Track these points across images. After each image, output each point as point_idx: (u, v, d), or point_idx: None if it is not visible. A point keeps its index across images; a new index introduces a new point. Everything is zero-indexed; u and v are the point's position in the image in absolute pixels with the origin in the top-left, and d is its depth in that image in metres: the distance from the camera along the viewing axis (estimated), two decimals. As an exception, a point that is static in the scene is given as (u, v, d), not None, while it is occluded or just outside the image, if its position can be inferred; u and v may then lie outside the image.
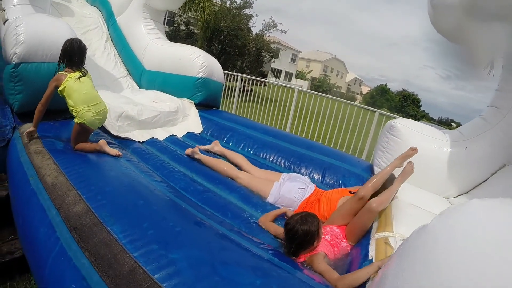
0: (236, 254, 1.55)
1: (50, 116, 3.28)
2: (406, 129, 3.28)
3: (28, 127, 2.89)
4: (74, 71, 2.72)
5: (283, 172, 3.25)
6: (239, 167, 3.48)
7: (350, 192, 2.85)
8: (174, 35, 18.23)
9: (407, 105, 60.38)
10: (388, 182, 2.73)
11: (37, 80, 3.16)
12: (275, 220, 2.44)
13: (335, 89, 59.42)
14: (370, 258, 1.84)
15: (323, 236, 2.15)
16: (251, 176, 3.25)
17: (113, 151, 2.76)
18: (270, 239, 2.15)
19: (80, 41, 2.88)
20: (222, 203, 2.56)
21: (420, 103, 62.97)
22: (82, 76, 2.73)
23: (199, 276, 1.27)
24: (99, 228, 1.54)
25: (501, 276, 0.65)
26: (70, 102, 2.66)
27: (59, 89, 2.66)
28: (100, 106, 2.80)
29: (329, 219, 2.55)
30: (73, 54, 2.77)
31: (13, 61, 3.07)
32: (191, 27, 19.62)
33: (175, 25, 19.97)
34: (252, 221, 2.38)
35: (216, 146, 3.82)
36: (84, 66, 2.85)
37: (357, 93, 73.83)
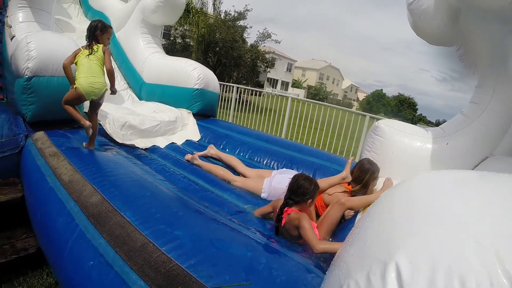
0: (229, 233, 1.80)
1: (61, 125, 3.60)
2: (389, 129, 3.46)
3: (40, 135, 3.19)
4: (86, 48, 3.08)
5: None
6: (233, 168, 3.75)
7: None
8: (170, 48, 18.44)
9: (404, 109, 60.56)
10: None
11: (48, 92, 3.43)
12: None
13: (331, 96, 59.62)
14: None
15: None
16: (245, 179, 3.50)
17: (87, 123, 3.09)
18: (261, 229, 2.37)
19: (95, 21, 3.23)
20: (218, 200, 2.79)
21: (417, 107, 63.24)
22: (90, 54, 3.05)
23: (198, 248, 1.51)
24: (114, 214, 1.78)
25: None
26: (77, 72, 3.03)
27: (75, 61, 3.05)
28: (96, 80, 3.06)
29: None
30: (87, 33, 3.17)
31: (26, 74, 3.30)
32: (187, 40, 19.82)
33: (171, 38, 20.18)
34: (246, 216, 2.59)
35: (212, 150, 4.10)
36: (91, 44, 3.13)
37: (354, 100, 74.12)
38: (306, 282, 1.42)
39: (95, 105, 3.22)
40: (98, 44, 3.13)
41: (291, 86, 53.17)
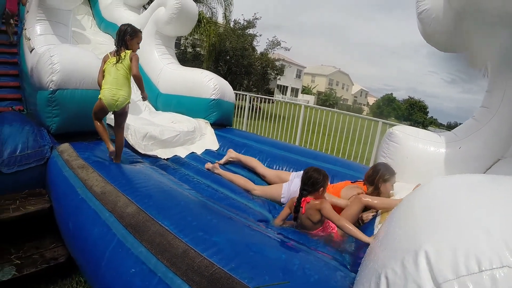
0: (263, 237, 1.91)
1: (85, 137, 3.67)
2: (403, 135, 3.56)
3: (66, 147, 3.27)
4: (115, 55, 3.04)
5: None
6: (253, 169, 3.92)
7: (351, 182, 3.30)
8: (181, 57, 18.62)
9: (414, 112, 59.94)
10: None
11: (72, 104, 3.52)
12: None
13: (341, 102, 59.50)
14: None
15: None
16: (264, 187, 3.63)
17: (111, 148, 3.15)
18: (285, 233, 2.50)
19: (124, 25, 3.16)
20: (243, 207, 2.92)
21: (427, 110, 62.46)
22: (117, 62, 3.00)
23: (237, 252, 1.62)
24: (152, 223, 1.88)
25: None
26: (103, 80, 3.02)
27: (104, 68, 3.05)
28: (120, 93, 3.01)
29: None
30: (116, 37, 3.13)
31: (50, 87, 3.38)
32: (198, 49, 20.03)
33: (181, 48, 20.34)
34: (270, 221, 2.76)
35: (232, 154, 4.26)
36: (119, 50, 3.06)
37: (364, 104, 73.68)
38: (336, 280, 1.54)
39: (118, 116, 3.19)
40: (127, 51, 3.07)
41: (301, 93, 53.23)
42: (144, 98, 3.25)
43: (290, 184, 3.38)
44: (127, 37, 3.07)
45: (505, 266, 0.68)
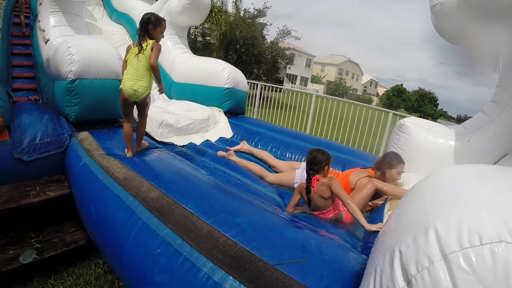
0: (281, 219, 2.03)
1: (103, 125, 3.77)
2: (414, 126, 3.64)
3: (85, 136, 3.35)
4: (136, 45, 2.97)
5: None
6: (265, 162, 4.04)
7: (361, 168, 3.46)
8: (191, 47, 18.62)
9: (424, 104, 59.37)
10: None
11: (91, 94, 3.58)
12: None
13: (351, 91, 59.05)
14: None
15: None
16: (277, 174, 3.76)
17: (130, 153, 3.13)
18: (301, 217, 2.65)
19: (147, 14, 3.04)
20: (259, 193, 3.04)
21: (438, 102, 61.80)
22: (139, 53, 2.95)
23: (258, 232, 1.74)
24: (176, 206, 1.99)
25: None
26: (125, 71, 3.00)
27: (126, 58, 3.02)
28: (140, 84, 2.96)
29: None
30: (139, 27, 3.04)
31: (69, 77, 3.44)
32: (208, 38, 20.09)
33: (191, 37, 20.21)
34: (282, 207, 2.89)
35: (244, 146, 4.37)
36: (142, 40, 2.98)
37: (373, 95, 73.18)
38: (349, 259, 1.65)
39: (140, 106, 3.14)
40: (149, 41, 2.98)
41: (310, 82, 52.98)
42: (160, 91, 3.24)
43: (302, 170, 3.47)
44: (150, 26, 2.99)
45: (502, 241, 0.80)
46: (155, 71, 3.02)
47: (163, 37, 3.13)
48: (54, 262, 2.62)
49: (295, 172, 3.58)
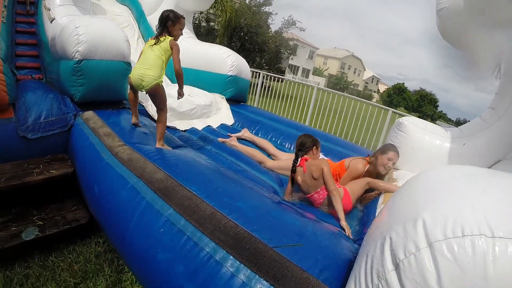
0: (279, 205, 2.13)
1: (107, 106, 3.83)
2: (412, 126, 3.71)
3: (90, 115, 3.39)
4: (153, 38, 3.06)
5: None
6: (265, 151, 4.12)
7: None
8: (195, 31, 18.57)
9: (424, 104, 59.40)
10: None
11: (97, 74, 3.61)
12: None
13: (352, 86, 59.08)
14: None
15: None
16: (277, 161, 3.87)
17: (133, 120, 3.35)
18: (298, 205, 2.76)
19: (166, 11, 3.08)
20: (258, 180, 3.13)
21: (438, 103, 61.75)
22: (155, 44, 2.99)
23: (258, 216, 1.84)
24: (180, 188, 2.07)
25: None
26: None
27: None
28: (148, 72, 2.95)
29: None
30: (158, 23, 3.07)
31: (76, 57, 3.45)
32: (212, 23, 20.06)
33: (195, 22, 20.29)
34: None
35: (245, 133, 4.46)
36: (162, 30, 3.04)
37: (374, 91, 73.17)
38: (343, 247, 1.76)
39: (152, 98, 3.17)
40: (167, 36, 3.02)
41: (312, 74, 52.88)
42: (179, 95, 3.26)
43: None
44: (169, 23, 3.03)
45: (482, 234, 0.89)
46: (180, 78, 3.09)
47: (181, 34, 3.17)
48: (55, 240, 2.68)
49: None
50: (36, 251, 2.58)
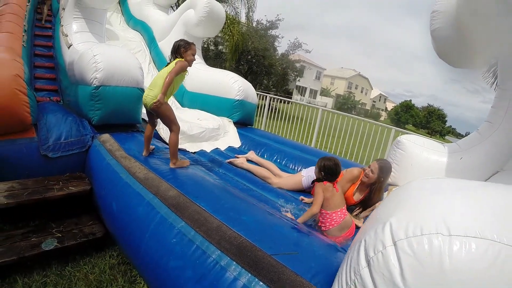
0: (279, 220, 2.32)
1: (122, 128, 4.13)
2: (410, 143, 3.88)
3: (107, 137, 3.65)
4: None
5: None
6: (270, 172, 4.30)
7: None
8: (204, 55, 18.85)
9: (433, 120, 59.00)
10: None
11: (113, 99, 3.92)
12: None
13: (359, 106, 59.22)
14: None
15: None
16: (282, 178, 4.07)
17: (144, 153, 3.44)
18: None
19: (177, 41, 3.32)
20: (263, 198, 3.33)
21: (446, 119, 61.11)
22: (165, 66, 3.26)
23: (260, 229, 2.05)
24: (191, 204, 2.30)
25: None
26: None
27: None
28: (150, 92, 3.15)
29: None
30: (172, 50, 3.31)
31: (94, 84, 3.77)
32: (220, 47, 20.45)
33: (204, 46, 20.70)
34: (283, 209, 3.18)
35: (252, 155, 4.66)
36: (174, 58, 3.27)
37: (382, 110, 73.11)
38: (336, 256, 1.93)
39: (157, 116, 3.32)
40: (179, 59, 3.24)
41: (320, 95, 53.21)
42: (157, 101, 3.13)
43: (308, 176, 3.84)
44: (181, 50, 3.26)
45: (439, 233, 1.07)
46: (165, 81, 3.09)
47: (194, 59, 3.38)
48: (72, 251, 2.89)
49: (302, 180, 3.87)
50: (54, 261, 2.79)
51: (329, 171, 2.99)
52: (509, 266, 1.00)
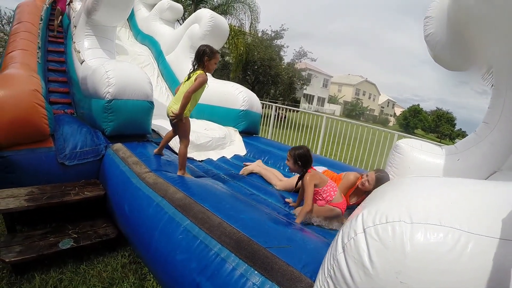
0: (275, 218, 2.53)
1: (133, 139, 4.37)
2: (407, 147, 3.98)
3: (120, 146, 3.89)
4: (189, 74, 3.43)
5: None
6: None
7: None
8: (211, 67, 19.18)
9: (442, 124, 58.40)
10: None
11: (125, 112, 4.20)
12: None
13: (367, 112, 59.07)
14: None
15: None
16: (284, 181, 4.28)
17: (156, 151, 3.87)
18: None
19: (203, 46, 3.39)
20: (265, 202, 3.52)
21: (455, 122, 60.42)
22: (187, 81, 3.39)
23: (257, 226, 2.25)
24: (196, 205, 2.51)
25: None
26: None
27: None
28: (172, 105, 3.45)
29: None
30: (195, 56, 3.41)
31: (107, 98, 4.06)
32: (227, 58, 20.77)
33: (211, 57, 20.94)
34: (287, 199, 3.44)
35: (259, 163, 4.83)
36: (195, 70, 3.39)
37: (391, 115, 72.72)
38: (325, 250, 2.10)
39: (173, 126, 3.62)
40: (197, 71, 3.32)
41: (327, 102, 53.29)
42: (175, 115, 3.41)
43: None
44: (205, 58, 3.32)
45: (402, 221, 1.25)
46: (184, 99, 3.30)
47: (215, 68, 3.52)
48: (86, 251, 3.13)
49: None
50: (70, 260, 3.03)
51: (303, 158, 3.21)
52: (468, 251, 1.12)
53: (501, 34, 2.92)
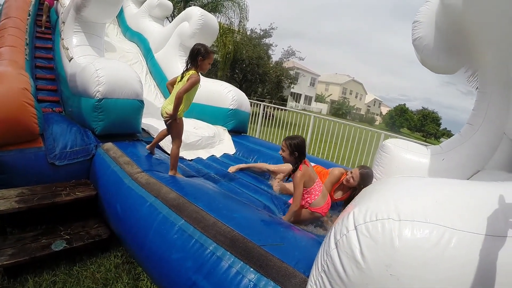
0: (267, 217, 2.61)
1: (123, 138, 4.37)
2: (394, 147, 4.07)
3: (110, 146, 3.89)
4: (182, 73, 3.45)
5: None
6: (267, 170, 4.63)
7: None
8: (199, 64, 19.13)
9: (427, 123, 59.26)
10: None
11: (115, 111, 4.19)
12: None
13: (354, 111, 59.54)
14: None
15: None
16: (277, 165, 4.41)
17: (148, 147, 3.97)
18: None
19: (198, 45, 3.38)
20: (254, 200, 3.57)
21: (440, 121, 61.35)
22: (180, 81, 3.39)
23: (250, 224, 2.31)
24: (190, 205, 2.55)
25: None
26: None
27: None
28: (167, 107, 3.44)
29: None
30: (189, 55, 3.40)
31: (97, 96, 4.03)
32: (214, 56, 20.64)
33: (199, 55, 20.86)
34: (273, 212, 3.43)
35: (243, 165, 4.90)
36: (188, 69, 3.39)
37: (377, 114, 73.38)
38: (317, 247, 2.16)
39: (167, 126, 3.64)
40: (190, 71, 3.33)
41: (314, 101, 53.52)
42: (169, 115, 3.43)
43: None
44: (199, 58, 3.32)
45: (390, 218, 1.32)
46: (176, 100, 3.32)
47: (209, 68, 3.52)
48: (79, 252, 3.10)
49: None
50: (62, 262, 3.01)
51: (299, 148, 3.18)
52: (452, 246, 1.21)
53: (488, 40, 3.04)
